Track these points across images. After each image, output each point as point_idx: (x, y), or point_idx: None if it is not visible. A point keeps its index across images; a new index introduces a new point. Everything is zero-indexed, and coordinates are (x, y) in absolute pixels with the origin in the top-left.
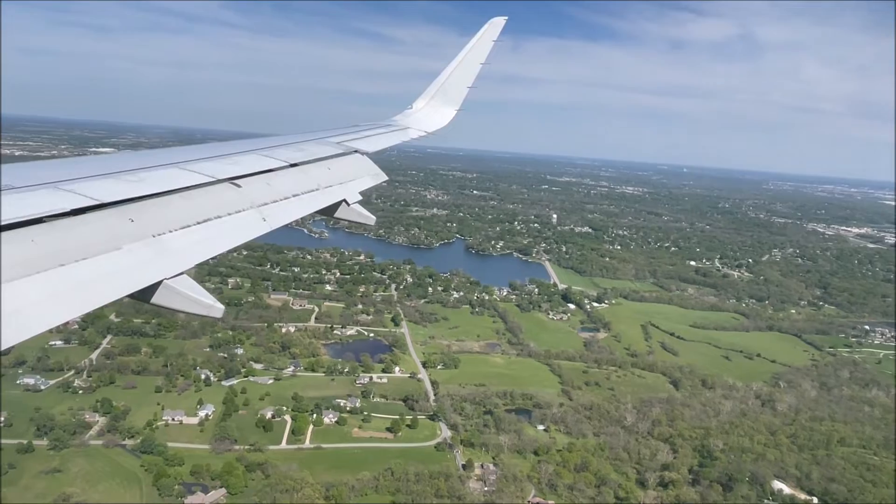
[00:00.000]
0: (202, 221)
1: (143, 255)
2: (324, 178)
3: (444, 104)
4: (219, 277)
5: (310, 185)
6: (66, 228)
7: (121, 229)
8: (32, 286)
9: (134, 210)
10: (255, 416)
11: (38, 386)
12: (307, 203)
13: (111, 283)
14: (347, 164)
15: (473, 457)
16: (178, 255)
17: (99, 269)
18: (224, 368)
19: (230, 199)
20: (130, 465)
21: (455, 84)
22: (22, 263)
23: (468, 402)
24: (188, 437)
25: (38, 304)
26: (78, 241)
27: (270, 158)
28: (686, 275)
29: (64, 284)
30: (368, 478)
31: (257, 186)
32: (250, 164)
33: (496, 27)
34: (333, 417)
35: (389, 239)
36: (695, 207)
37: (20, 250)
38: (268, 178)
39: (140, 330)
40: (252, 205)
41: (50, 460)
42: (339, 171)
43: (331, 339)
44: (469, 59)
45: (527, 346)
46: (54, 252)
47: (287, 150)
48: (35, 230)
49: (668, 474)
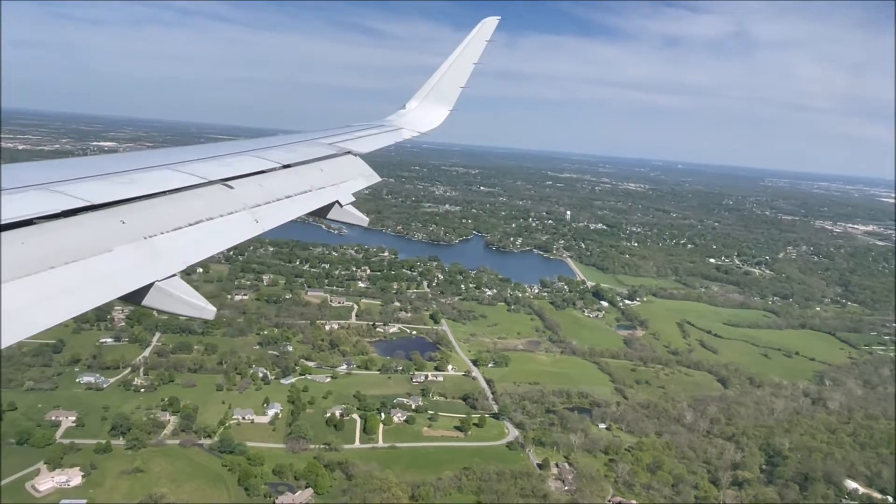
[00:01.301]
0: (194, 223)
1: (134, 256)
2: (316, 180)
3: (436, 104)
4: (252, 274)
5: (302, 187)
6: (57, 230)
7: (112, 231)
8: (22, 289)
9: (125, 212)
10: (324, 415)
11: (100, 384)
12: (300, 204)
13: (102, 285)
14: (340, 165)
15: (545, 456)
16: (170, 256)
17: (90, 271)
18: (278, 366)
19: (222, 201)
20: (211, 464)
21: (448, 84)
22: (11, 266)
23: (527, 400)
24: (262, 436)
25: (28, 307)
26: (68, 243)
27: (263, 160)
28: (707, 272)
29: (54, 287)
30: (450, 477)
31: (250, 188)
32: (243, 166)
33: (489, 27)
34: (402, 416)
35: (408, 235)
36: (701, 204)
37: (9, 252)
38: (260, 180)
39: (188, 327)
40: (244, 206)
41: (129, 460)
42: (332, 172)
43: (375, 336)
44: (462, 59)
45: (569, 343)
46: (44, 254)
47: (280, 151)
48: (25, 232)
49: (740, 473)
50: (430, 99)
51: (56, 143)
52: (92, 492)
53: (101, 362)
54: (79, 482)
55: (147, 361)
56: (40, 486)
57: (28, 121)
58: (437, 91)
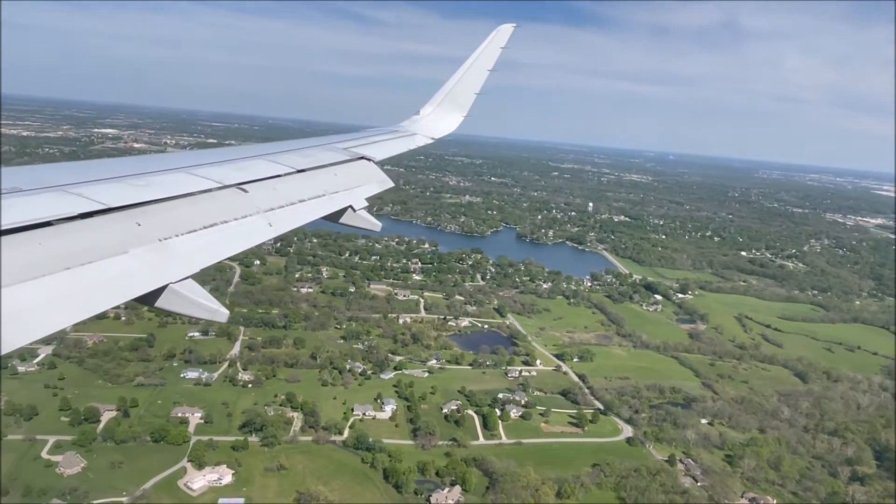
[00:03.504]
0: (209, 226)
1: (149, 259)
2: (330, 184)
3: (451, 110)
4: (309, 266)
5: (316, 191)
6: (74, 232)
7: (128, 233)
8: (39, 289)
9: (141, 214)
10: (439, 411)
11: (206, 380)
12: (313, 209)
13: (118, 286)
14: (354, 170)
15: (662, 451)
16: (184, 259)
17: (105, 272)
18: (370, 361)
19: (237, 205)
20: (349, 461)
21: (462, 90)
22: (29, 266)
23: (627, 395)
24: (386, 432)
25: (45, 306)
26: (85, 245)
27: (278, 164)
28: (742, 265)
29: (70, 288)
30: (588, 473)
31: (264, 192)
32: (258, 170)
33: (504, 34)
34: (517, 412)
35: (440, 227)
36: (710, 196)
37: (28, 253)
38: (275, 184)
39: (270, 321)
40: (258, 210)
41: (268, 457)
42: (346, 177)
43: (448, 330)
44: (476, 65)
45: (638, 338)
46: (61, 255)
47: (294, 155)
48: (42, 233)
49: (858, 468)
50: (445, 105)
51: (58, 129)
52: (245, 490)
53: (197, 357)
54: (229, 480)
55: (241, 356)
56: (193, 485)
57: (23, 106)
58: (451, 97)
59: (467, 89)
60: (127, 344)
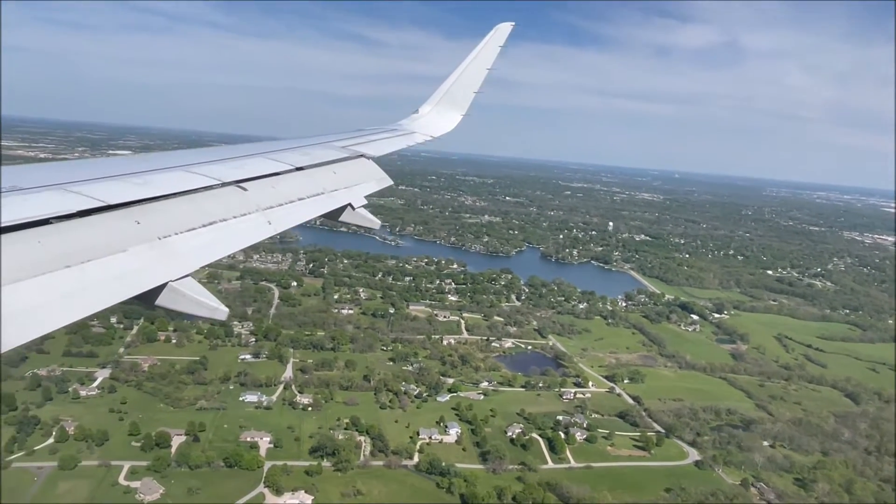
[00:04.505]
0: (208, 224)
1: (148, 257)
2: (329, 182)
3: (449, 109)
4: (346, 287)
5: (315, 189)
6: (73, 230)
7: (127, 231)
8: (38, 287)
9: (140, 212)
10: (502, 434)
11: (267, 403)
12: (312, 207)
13: (117, 284)
14: (353, 168)
15: (732, 475)
16: (184, 257)
17: (105, 270)
18: (422, 383)
19: (236, 203)
20: (424, 486)
21: (461, 89)
22: (28, 265)
23: (684, 417)
24: (455, 456)
25: (44, 305)
26: (84, 243)
27: (276, 162)
28: (770, 284)
29: (70, 286)
30: (663, 498)
31: (263, 190)
32: (256, 168)
33: (502, 33)
34: (582, 435)
35: (464, 247)
36: (724, 215)
37: (27, 251)
38: (273, 182)
39: (319, 343)
40: (258, 208)
41: (342, 482)
42: (345, 175)
43: (493, 351)
44: (475, 64)
45: (682, 358)
46: (60, 253)
47: (293, 153)
48: (41, 231)
49: None
50: (443, 104)
51: (74, 151)
52: None
53: (252, 380)
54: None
55: (296, 379)
56: None
57: (35, 129)
58: (450, 96)
59: (466, 88)
60: (182, 367)
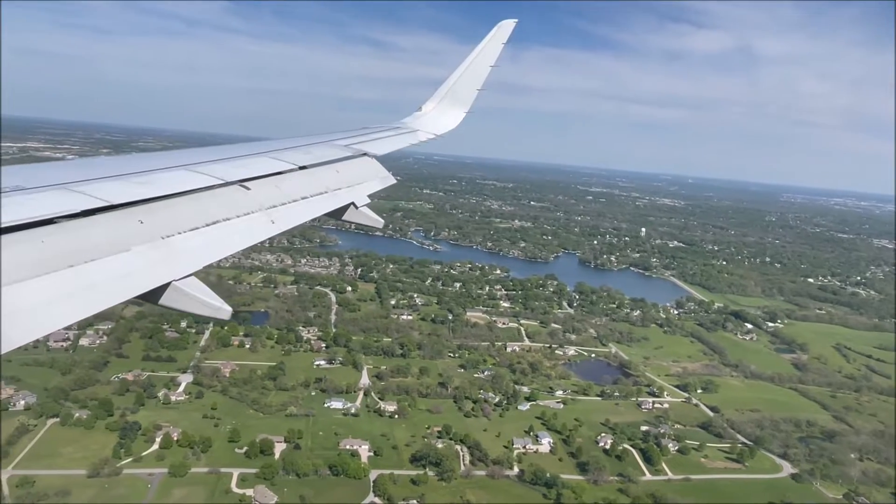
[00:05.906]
0: (211, 223)
1: (152, 256)
2: (332, 181)
3: (453, 106)
4: (401, 293)
5: (318, 188)
6: (76, 229)
7: (130, 231)
8: (42, 287)
9: (143, 212)
10: (594, 444)
11: (352, 410)
12: (316, 206)
13: (120, 284)
14: (356, 166)
15: (830, 489)
16: (187, 256)
17: (108, 270)
18: (498, 391)
19: (239, 202)
20: (531, 496)
21: (464, 86)
22: (31, 264)
23: (766, 428)
24: (552, 466)
25: (48, 304)
26: (87, 243)
27: (279, 161)
28: (813, 292)
29: (73, 285)
30: None
31: (266, 189)
32: (259, 167)
33: (505, 30)
34: (674, 447)
35: (502, 252)
36: (749, 221)
37: (31, 251)
38: (277, 181)
39: (390, 350)
40: (261, 207)
41: (449, 492)
42: (348, 173)
43: (557, 359)
44: (478, 61)
45: (746, 367)
46: (64, 253)
47: (296, 152)
48: (45, 231)
49: None
50: (447, 101)
51: (98, 152)
52: None
53: (332, 386)
54: None
55: (374, 386)
56: None
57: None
58: (453, 93)
59: (469, 85)
60: (263, 373)
